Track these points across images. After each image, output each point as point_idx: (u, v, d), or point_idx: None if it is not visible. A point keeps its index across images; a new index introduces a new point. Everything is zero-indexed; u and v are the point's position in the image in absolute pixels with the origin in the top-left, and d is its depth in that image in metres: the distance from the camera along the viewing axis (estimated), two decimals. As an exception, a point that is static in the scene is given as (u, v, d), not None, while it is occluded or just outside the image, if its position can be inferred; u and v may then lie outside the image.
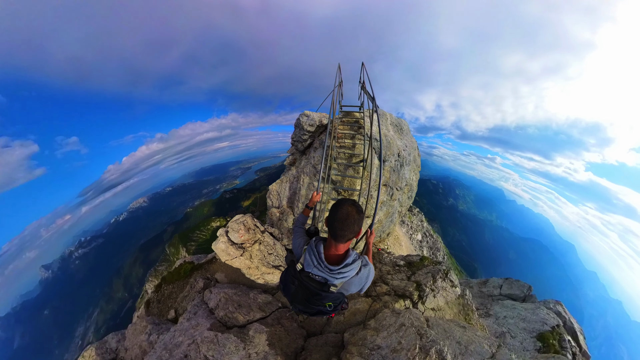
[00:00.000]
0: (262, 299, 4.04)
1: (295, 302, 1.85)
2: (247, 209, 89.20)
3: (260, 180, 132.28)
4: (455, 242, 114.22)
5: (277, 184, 5.98)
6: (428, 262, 5.78)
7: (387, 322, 3.14)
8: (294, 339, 3.06)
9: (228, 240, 4.97)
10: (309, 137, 5.51)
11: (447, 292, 4.72)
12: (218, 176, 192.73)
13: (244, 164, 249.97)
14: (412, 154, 6.88)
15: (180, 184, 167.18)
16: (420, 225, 15.95)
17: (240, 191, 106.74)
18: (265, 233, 5.32)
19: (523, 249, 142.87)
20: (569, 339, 5.42)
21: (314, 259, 1.70)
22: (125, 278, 77.30)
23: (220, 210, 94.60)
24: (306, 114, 5.75)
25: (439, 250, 16.54)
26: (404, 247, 15.49)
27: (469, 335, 3.49)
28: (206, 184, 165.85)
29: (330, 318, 4.19)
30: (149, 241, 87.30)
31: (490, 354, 3.06)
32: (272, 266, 4.84)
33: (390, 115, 6.90)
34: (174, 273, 6.55)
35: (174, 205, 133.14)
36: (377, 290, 4.94)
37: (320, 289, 1.71)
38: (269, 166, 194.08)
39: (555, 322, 5.60)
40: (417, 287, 4.72)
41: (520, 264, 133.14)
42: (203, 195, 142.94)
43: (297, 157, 6.03)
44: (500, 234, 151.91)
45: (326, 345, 2.94)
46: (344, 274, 1.68)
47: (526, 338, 5.65)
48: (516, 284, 7.13)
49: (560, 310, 5.96)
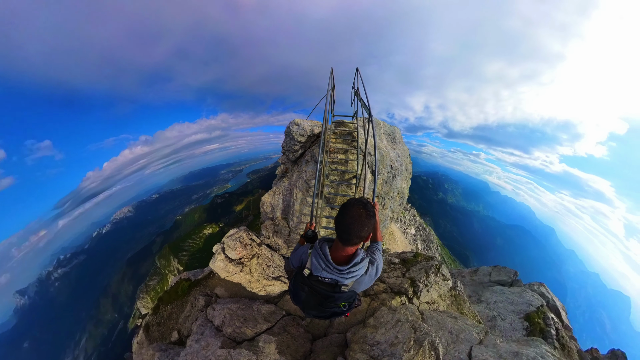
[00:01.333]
0: (266, 310, 4.26)
1: (308, 308, 1.83)
2: (240, 214, 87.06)
3: (253, 183, 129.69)
4: (447, 233, 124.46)
5: (269, 196, 5.95)
6: (421, 258, 6.20)
7: (385, 319, 3.48)
8: (302, 344, 3.36)
9: (226, 257, 5.02)
10: (300, 147, 5.41)
11: (440, 286, 5.16)
12: (208, 180, 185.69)
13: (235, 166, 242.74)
14: (404, 163, 6.92)
15: (167, 190, 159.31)
16: (413, 219, 16.61)
17: (232, 195, 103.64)
18: (262, 246, 5.40)
19: (509, 235, 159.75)
20: (552, 316, 6.03)
21: (322, 262, 1.69)
22: (113, 297, 72.71)
23: (212, 216, 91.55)
24: (296, 122, 5.60)
25: (432, 242, 17.29)
26: (398, 241, 16.08)
27: (460, 324, 3.90)
28: (196, 189, 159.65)
29: (332, 320, 4.51)
30: (136, 254, 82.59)
31: (479, 340, 3.48)
32: (273, 278, 4.99)
33: (384, 124, 6.83)
34: (171, 293, 6.42)
35: (162, 214, 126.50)
36: (374, 289, 5.28)
37: (332, 291, 1.70)
38: (261, 168, 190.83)
39: (539, 303, 6.20)
40: (411, 284, 5.12)
41: (507, 248, 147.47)
42: (193, 201, 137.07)
43: (289, 166, 5.98)
44: (487, 222, 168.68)
45: (331, 345, 3.26)
46: (354, 273, 1.68)
47: (515, 319, 6.23)
48: (503, 270, 7.74)
49: (543, 291, 6.58)
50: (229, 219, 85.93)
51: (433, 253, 17.40)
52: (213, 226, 76.72)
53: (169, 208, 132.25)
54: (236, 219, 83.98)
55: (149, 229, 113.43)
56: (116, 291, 73.42)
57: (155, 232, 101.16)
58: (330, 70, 5.33)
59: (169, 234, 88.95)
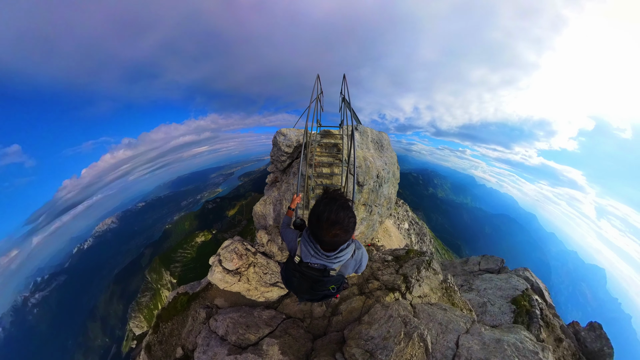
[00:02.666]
0: (267, 315, 4.50)
1: (301, 292, 2.01)
2: (233, 218, 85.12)
3: (245, 186, 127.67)
4: (439, 226, 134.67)
5: (261, 205, 6.12)
6: (413, 254, 6.59)
7: (378, 316, 3.80)
8: (303, 344, 3.64)
9: (223, 269, 5.19)
10: (288, 158, 5.56)
11: (431, 280, 5.54)
12: (198, 185, 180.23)
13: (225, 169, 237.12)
14: (391, 170, 7.07)
15: (154, 198, 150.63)
16: (406, 215, 17.21)
17: (224, 200, 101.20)
18: (257, 254, 5.57)
19: (496, 224, 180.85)
20: (536, 297, 6.57)
21: (310, 249, 1.81)
22: (102, 320, 67.23)
23: (204, 223, 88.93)
24: (283, 132, 5.71)
25: (425, 235, 17.98)
26: (393, 237, 16.60)
27: (449, 315, 4.27)
28: (185, 195, 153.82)
29: (331, 320, 4.79)
30: (124, 270, 77.90)
31: (465, 330, 3.84)
32: (270, 284, 5.19)
33: (371, 131, 6.94)
34: (169, 309, 6.38)
35: (150, 223, 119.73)
36: (369, 287, 5.61)
37: (321, 275, 1.86)
38: (253, 170, 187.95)
39: (524, 287, 6.73)
40: (404, 280, 5.47)
41: (495, 236, 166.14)
42: (182, 208, 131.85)
43: (279, 175, 6.18)
44: (475, 213, 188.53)
45: (330, 343, 3.55)
46: (340, 258, 1.83)
47: (503, 304, 6.73)
48: (491, 259, 8.29)
49: (527, 275, 7.13)
50: (221, 225, 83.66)
51: (427, 245, 18.06)
52: (205, 233, 74.74)
53: (157, 217, 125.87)
54: (229, 225, 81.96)
55: (136, 240, 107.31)
56: (105, 313, 68.42)
57: (144, 244, 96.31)
58: (316, 77, 5.27)
59: (159, 245, 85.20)
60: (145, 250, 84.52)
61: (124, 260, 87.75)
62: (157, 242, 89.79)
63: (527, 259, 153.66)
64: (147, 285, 59.14)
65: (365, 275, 6.18)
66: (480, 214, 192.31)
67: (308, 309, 4.90)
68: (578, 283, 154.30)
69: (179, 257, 64.44)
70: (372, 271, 6.29)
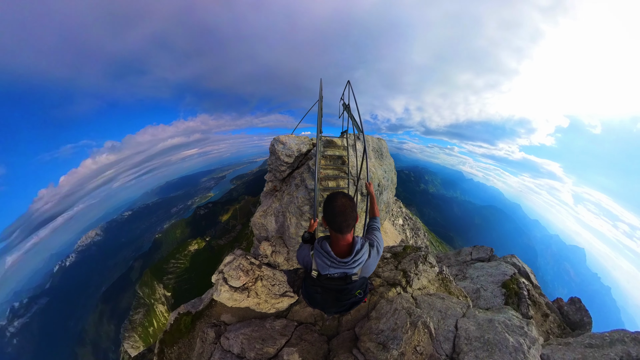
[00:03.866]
0: (279, 325, 4.71)
1: (327, 307, 1.95)
2: (227, 224, 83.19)
3: (237, 189, 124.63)
4: (432, 219, 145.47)
5: (260, 216, 6.01)
6: (410, 249, 7.10)
7: (384, 310, 4.24)
8: (320, 346, 3.99)
9: (230, 287, 5.12)
10: (288, 168, 5.46)
11: (428, 273, 6.06)
12: (188, 190, 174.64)
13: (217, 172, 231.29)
14: (390, 176, 7.00)
15: (142, 205, 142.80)
16: (400, 211, 17.93)
17: (216, 204, 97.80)
18: (262, 267, 5.56)
19: (484, 214, 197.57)
20: (523, 280, 7.27)
21: (326, 260, 1.78)
22: (93, 344, 61.88)
23: (196, 230, 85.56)
24: (281, 140, 5.43)
25: (419, 230, 18.80)
26: (389, 233, 17.25)
27: (447, 303, 4.78)
28: (175, 201, 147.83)
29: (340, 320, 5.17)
30: (112, 286, 72.24)
31: (462, 314, 4.35)
32: (280, 295, 5.28)
33: (372, 139, 6.90)
34: (173, 332, 6.11)
35: (138, 234, 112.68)
36: (372, 285, 6.04)
37: (344, 283, 1.82)
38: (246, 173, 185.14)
39: (512, 272, 7.43)
40: (404, 275, 5.96)
41: (484, 226, 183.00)
42: (173, 215, 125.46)
43: (278, 184, 6.06)
44: (465, 206, 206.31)
45: (345, 341, 3.93)
46: (358, 261, 1.79)
47: (494, 289, 7.40)
48: (481, 248, 8.99)
49: (515, 261, 7.85)
50: (215, 231, 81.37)
51: (421, 239, 18.87)
52: (199, 241, 72.44)
53: (145, 226, 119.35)
54: (223, 230, 79.85)
55: (123, 253, 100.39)
56: (95, 335, 63.26)
57: (132, 257, 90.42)
58: (320, 82, 5.04)
59: (149, 257, 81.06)
60: (135, 263, 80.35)
61: (112, 276, 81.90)
62: (147, 253, 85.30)
63: (515, 244, 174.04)
64: (140, 301, 56.37)
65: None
66: (470, 206, 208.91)
67: (318, 312, 5.23)
68: (561, 262, 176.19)
69: (172, 268, 62.11)
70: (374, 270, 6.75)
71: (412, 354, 3.40)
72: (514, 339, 3.30)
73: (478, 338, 3.50)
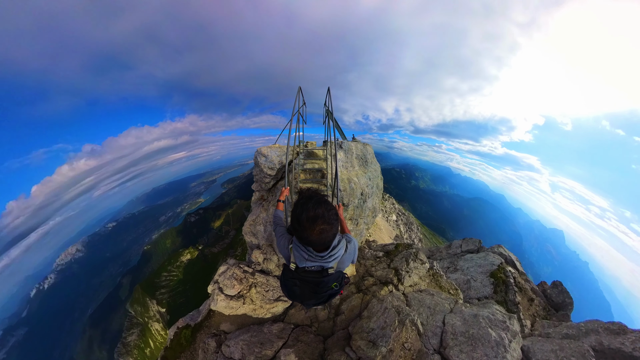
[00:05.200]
0: (277, 328, 4.97)
1: (305, 299, 2.00)
2: (220, 230, 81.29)
3: (229, 193, 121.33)
4: (424, 214, 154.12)
5: (250, 225, 6.20)
6: (402, 247, 7.39)
7: (375, 309, 4.48)
8: (315, 346, 4.22)
9: (226, 296, 5.37)
10: (272, 179, 5.64)
11: (419, 270, 6.35)
12: (177, 196, 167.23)
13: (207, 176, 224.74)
14: (375, 183, 7.15)
15: (127, 215, 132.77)
16: (392, 207, 18.35)
17: (208, 210, 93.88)
18: (256, 274, 5.81)
19: (472, 206, 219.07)
20: (509, 269, 7.69)
21: (304, 253, 1.85)
22: None
23: (188, 239, 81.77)
24: (263, 153, 5.59)
25: (412, 224, 19.31)
26: (383, 230, 17.62)
27: (436, 299, 5.08)
28: (163, 209, 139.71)
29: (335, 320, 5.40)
30: (100, 307, 66.90)
31: (450, 310, 4.65)
32: (274, 300, 5.54)
33: (356, 147, 7.04)
34: (174, 347, 6.27)
35: (124, 246, 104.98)
36: (365, 284, 6.30)
37: (320, 276, 1.90)
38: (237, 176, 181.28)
39: (499, 261, 7.84)
40: (395, 273, 6.23)
41: (473, 216, 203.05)
42: (161, 225, 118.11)
43: (265, 194, 6.28)
44: (454, 199, 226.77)
45: (339, 340, 4.18)
46: (334, 256, 1.88)
47: (484, 279, 7.79)
48: (470, 241, 9.40)
49: (501, 251, 8.27)
50: (208, 239, 78.88)
51: (414, 233, 19.39)
52: (191, 250, 69.55)
53: (132, 238, 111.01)
54: (216, 238, 77.91)
55: (109, 269, 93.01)
56: None
57: (120, 272, 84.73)
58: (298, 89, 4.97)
59: (138, 271, 76.32)
60: (123, 280, 75.71)
61: (99, 296, 75.70)
62: (136, 267, 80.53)
63: (501, 231, 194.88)
64: (132, 321, 52.32)
65: (361, 273, 6.87)
66: (458, 199, 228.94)
67: (313, 314, 5.47)
68: (544, 244, 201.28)
69: (165, 282, 58.94)
70: (366, 268, 7.00)
71: (401, 350, 3.65)
72: (496, 333, 3.59)
73: (463, 333, 3.78)
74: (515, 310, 6.63)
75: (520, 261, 8.83)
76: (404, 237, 18.63)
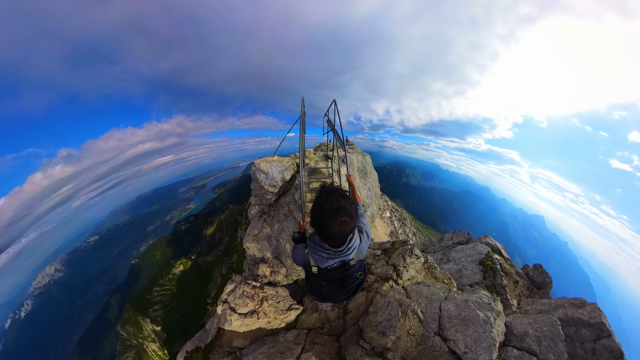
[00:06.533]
0: (292, 336, 5.35)
1: (336, 296, 2.11)
2: (213, 237, 77.61)
3: (221, 198, 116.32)
4: (416, 209, 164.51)
5: (253, 241, 6.18)
6: (398, 244, 8.08)
7: (380, 304, 5.10)
8: (331, 346, 4.76)
9: (239, 315, 5.46)
10: (274, 196, 5.56)
11: (415, 264, 7.04)
12: (165, 203, 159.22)
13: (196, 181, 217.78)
14: (374, 191, 7.31)
15: (110, 227, 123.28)
16: (386, 204, 19.22)
17: (199, 217, 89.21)
18: (264, 287, 5.94)
19: (461, 199, 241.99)
20: (496, 256, 8.56)
21: (323, 253, 1.92)
22: None
23: (179, 248, 77.52)
24: (263, 169, 5.32)
25: (405, 219, 20.27)
26: (378, 227, 18.43)
27: (432, 290, 5.76)
28: (150, 218, 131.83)
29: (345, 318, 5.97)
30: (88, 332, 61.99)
31: (444, 297, 5.33)
32: (287, 310, 5.79)
33: (357, 159, 6.99)
34: None
35: (110, 262, 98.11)
36: (368, 282, 6.91)
37: (345, 271, 2.00)
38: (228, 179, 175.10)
39: (487, 250, 8.71)
40: (394, 269, 6.89)
41: (461, 208, 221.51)
42: (149, 235, 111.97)
43: (265, 208, 6.23)
44: (443, 193, 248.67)
45: (352, 336, 4.74)
46: (352, 247, 1.95)
47: (474, 267, 8.62)
48: (460, 233, 10.28)
49: (488, 240, 9.16)
50: (200, 248, 75.36)
51: (408, 228, 20.36)
52: (184, 261, 66.16)
53: (118, 252, 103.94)
54: (209, 246, 74.43)
55: (95, 289, 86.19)
56: None
57: (106, 291, 78.97)
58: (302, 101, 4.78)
59: (127, 288, 71.79)
60: (111, 299, 70.99)
61: (85, 319, 69.98)
62: (124, 284, 75.76)
63: (488, 220, 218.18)
64: (125, 344, 48.86)
65: (363, 273, 7.49)
66: (448, 193, 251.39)
67: (324, 316, 6.01)
68: (527, 229, 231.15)
69: (157, 297, 55.98)
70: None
71: (407, 336, 4.29)
72: (483, 313, 4.30)
73: (457, 316, 4.46)
74: (503, 292, 7.49)
75: (507, 246, 9.86)
76: (399, 232, 19.53)
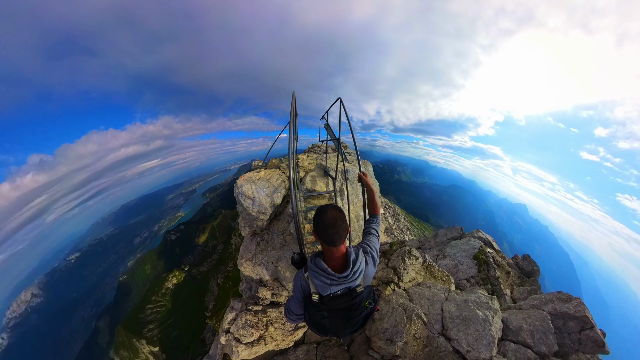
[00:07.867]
0: (301, 352, 5.47)
1: (340, 330, 1.85)
2: (206, 245, 74.29)
3: (212, 203, 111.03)
4: (408, 204, 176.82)
5: (249, 266, 5.86)
6: (396, 246, 8.40)
7: (384, 311, 5.37)
8: (343, 357, 4.98)
9: (246, 345, 5.26)
10: (265, 222, 5.07)
11: (414, 265, 7.38)
12: (152, 212, 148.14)
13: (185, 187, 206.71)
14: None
15: (93, 242, 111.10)
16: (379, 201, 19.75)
17: (189, 225, 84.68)
18: (267, 310, 5.72)
19: (450, 193, 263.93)
20: (488, 250, 9.09)
21: (325, 279, 1.70)
22: None
23: (171, 260, 73.40)
24: (248, 195, 4.59)
25: (399, 215, 20.89)
26: (373, 226, 18.89)
27: (433, 291, 6.10)
28: (137, 229, 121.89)
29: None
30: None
31: (445, 298, 5.68)
32: (294, 330, 5.69)
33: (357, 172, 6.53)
34: None
35: (94, 281, 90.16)
36: (379, 290, 7.15)
37: (351, 299, 1.74)
38: (219, 184, 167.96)
39: (479, 244, 9.22)
40: (394, 272, 7.20)
41: (451, 202, 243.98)
42: (137, 248, 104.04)
43: (257, 229, 5.74)
44: (433, 188, 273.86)
45: (360, 345, 4.98)
46: (359, 271, 1.75)
47: (468, 261, 9.11)
48: (453, 229, 10.79)
49: (480, 234, 9.69)
50: (193, 257, 72.13)
51: (402, 223, 20.97)
52: (176, 273, 63.15)
53: (103, 269, 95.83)
54: (203, 255, 71.37)
55: (80, 313, 78.63)
56: None
57: (94, 314, 72.77)
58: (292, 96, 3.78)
59: (117, 309, 67.05)
60: (100, 323, 65.74)
61: (72, 349, 63.95)
62: (113, 304, 70.38)
63: (476, 211, 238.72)
64: None
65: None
66: (437, 188, 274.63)
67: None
68: (512, 217, 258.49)
69: (152, 315, 52.84)
70: (368, 272, 7.91)
71: (413, 340, 4.57)
72: (482, 312, 4.66)
73: (458, 316, 4.80)
74: (497, 284, 7.99)
75: (495, 233, 10.61)
76: (393, 228, 20.08)
